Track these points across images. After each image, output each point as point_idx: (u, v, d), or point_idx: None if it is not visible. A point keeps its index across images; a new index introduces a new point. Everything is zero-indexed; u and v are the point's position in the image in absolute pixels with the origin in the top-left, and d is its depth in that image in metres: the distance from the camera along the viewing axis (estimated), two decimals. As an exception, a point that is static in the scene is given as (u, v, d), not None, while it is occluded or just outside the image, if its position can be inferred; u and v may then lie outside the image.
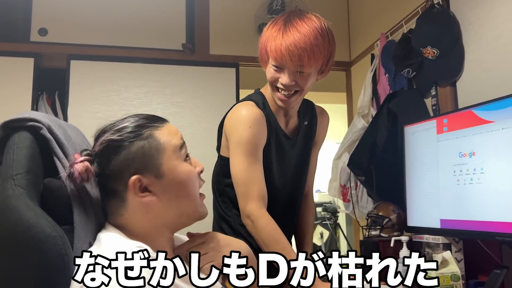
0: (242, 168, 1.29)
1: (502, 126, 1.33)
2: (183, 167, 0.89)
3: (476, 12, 1.75)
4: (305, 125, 1.48)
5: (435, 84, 1.95)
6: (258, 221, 1.25)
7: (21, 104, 2.49)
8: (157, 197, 0.85)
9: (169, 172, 0.86)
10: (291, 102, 1.34)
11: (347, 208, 2.44)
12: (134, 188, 0.84)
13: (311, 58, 1.25)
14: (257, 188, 1.28)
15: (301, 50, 1.23)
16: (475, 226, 1.40)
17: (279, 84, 1.31)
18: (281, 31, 1.27)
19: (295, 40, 1.23)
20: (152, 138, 0.86)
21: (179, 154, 0.89)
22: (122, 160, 0.84)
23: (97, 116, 2.59)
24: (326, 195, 5.25)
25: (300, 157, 1.45)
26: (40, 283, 0.74)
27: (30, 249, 0.75)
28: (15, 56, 2.56)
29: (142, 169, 0.84)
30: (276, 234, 1.24)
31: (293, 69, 1.27)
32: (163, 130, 0.89)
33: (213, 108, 2.70)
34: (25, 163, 0.83)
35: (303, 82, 1.30)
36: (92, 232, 0.87)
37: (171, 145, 0.88)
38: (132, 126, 0.87)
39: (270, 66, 1.32)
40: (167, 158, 0.86)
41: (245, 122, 1.30)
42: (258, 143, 1.32)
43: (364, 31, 2.76)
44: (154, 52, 2.74)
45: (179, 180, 0.87)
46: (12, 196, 0.78)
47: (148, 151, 0.85)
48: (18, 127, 0.87)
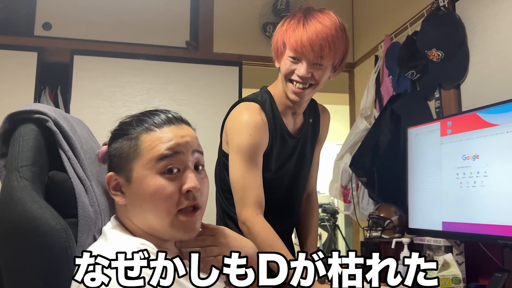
0: (239, 174, 1.29)
1: (507, 129, 1.33)
2: (152, 181, 0.79)
3: (481, 15, 1.75)
4: (310, 123, 1.48)
5: (439, 87, 1.95)
6: (254, 227, 1.25)
7: (24, 98, 2.49)
8: (126, 200, 0.83)
9: (137, 181, 0.81)
10: (305, 95, 1.34)
11: (348, 209, 2.43)
12: (109, 184, 0.84)
13: (332, 49, 1.27)
14: (253, 194, 1.27)
15: (323, 40, 1.25)
16: (477, 229, 1.40)
17: (294, 76, 1.31)
18: (301, 23, 1.28)
19: (317, 30, 1.25)
20: (136, 140, 0.82)
21: (153, 165, 0.80)
22: (109, 153, 0.86)
23: (99, 112, 2.59)
24: (326, 196, 5.26)
25: (304, 155, 1.46)
26: (43, 275, 0.74)
27: (34, 241, 0.75)
28: (19, 50, 2.55)
29: (118, 168, 0.84)
30: (271, 240, 1.24)
31: (313, 60, 1.28)
32: (154, 135, 0.82)
33: (215, 106, 2.69)
34: (31, 155, 0.83)
35: (319, 75, 1.31)
36: (96, 225, 0.87)
37: (150, 154, 0.80)
38: (129, 122, 0.86)
39: (286, 58, 1.32)
40: (140, 166, 0.81)
41: (246, 129, 1.30)
42: (258, 150, 1.32)
43: (368, 32, 2.76)
44: (157, 49, 2.74)
45: (143, 192, 0.80)
46: (17, 188, 0.78)
47: (126, 153, 0.82)
48: (24, 119, 0.87)
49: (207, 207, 1.09)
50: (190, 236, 0.84)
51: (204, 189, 0.86)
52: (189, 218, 0.82)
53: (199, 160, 0.86)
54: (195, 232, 0.85)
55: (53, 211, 0.78)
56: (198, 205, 0.83)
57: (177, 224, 0.81)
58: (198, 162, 0.86)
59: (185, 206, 0.81)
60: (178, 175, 0.81)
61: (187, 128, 0.87)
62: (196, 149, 0.85)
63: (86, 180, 0.90)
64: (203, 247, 0.90)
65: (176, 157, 0.81)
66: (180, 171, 0.82)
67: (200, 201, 0.84)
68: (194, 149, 0.85)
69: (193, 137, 0.86)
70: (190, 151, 0.83)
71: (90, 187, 0.90)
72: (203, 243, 0.90)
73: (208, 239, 0.91)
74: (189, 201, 0.81)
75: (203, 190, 0.86)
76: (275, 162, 1.38)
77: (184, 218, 0.81)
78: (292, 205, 1.46)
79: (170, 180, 0.80)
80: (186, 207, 0.82)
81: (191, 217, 0.82)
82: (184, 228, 0.82)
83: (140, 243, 0.78)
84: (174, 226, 0.81)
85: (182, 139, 0.83)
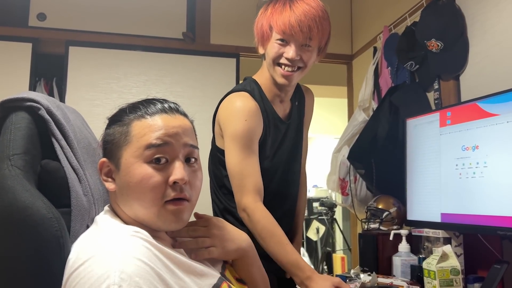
0: (237, 161, 1.28)
1: (507, 119, 1.31)
2: (139, 169, 0.78)
3: (481, 5, 1.73)
4: (296, 105, 1.49)
5: (438, 78, 1.93)
6: (254, 214, 1.24)
7: (18, 90, 2.35)
8: (116, 187, 0.82)
9: (124, 168, 0.79)
10: (293, 78, 1.34)
11: (346, 202, 2.42)
12: (101, 170, 0.83)
13: (320, 30, 1.29)
14: (252, 181, 1.27)
15: (312, 20, 1.27)
16: (476, 220, 1.39)
17: (282, 59, 1.31)
18: (287, 5, 1.29)
19: (305, 11, 1.27)
20: (128, 127, 0.81)
21: (141, 153, 0.78)
22: (104, 139, 0.85)
23: (95, 104, 2.56)
24: (323, 190, 5.27)
25: (295, 139, 1.47)
26: (35, 265, 0.73)
27: (25, 230, 0.73)
28: (13, 41, 2.52)
29: (110, 155, 0.83)
30: (272, 227, 1.24)
31: (301, 41, 1.29)
32: (145, 122, 0.80)
33: (212, 98, 2.65)
34: (23, 144, 0.82)
35: (307, 57, 1.32)
36: (90, 215, 0.85)
37: (139, 142, 0.79)
38: (124, 108, 0.85)
39: (273, 42, 1.31)
40: (129, 153, 0.79)
41: (240, 115, 1.29)
42: (254, 136, 1.31)
43: (367, 23, 2.73)
44: (154, 40, 2.71)
45: (129, 180, 0.78)
46: (8, 177, 0.76)
47: (117, 139, 0.81)
48: (16, 107, 0.86)
49: (204, 204, 1.07)
50: (177, 227, 0.82)
51: (195, 183, 0.83)
52: (176, 207, 0.79)
53: (191, 152, 0.83)
54: (182, 223, 0.82)
55: (45, 200, 0.77)
56: (185, 197, 0.80)
57: (164, 214, 0.79)
58: (189, 155, 0.83)
59: (171, 198, 0.79)
60: (166, 165, 0.79)
61: (181, 118, 0.84)
62: (188, 142, 0.82)
63: (80, 169, 0.89)
64: (195, 237, 0.88)
65: (165, 147, 0.79)
66: (168, 162, 0.80)
67: (189, 193, 0.81)
68: (186, 141, 0.82)
69: (186, 128, 0.83)
70: (181, 143, 0.81)
71: (83, 176, 0.88)
72: (194, 233, 0.89)
73: (200, 229, 0.90)
74: (176, 193, 0.79)
75: (194, 183, 0.83)
76: (269, 149, 1.38)
77: (172, 206, 0.79)
78: (289, 190, 1.47)
79: (157, 170, 0.78)
80: (173, 199, 0.79)
81: (178, 205, 0.79)
82: (171, 219, 0.79)
83: (134, 231, 0.76)
84: (160, 216, 0.79)
85: (173, 129, 0.81)
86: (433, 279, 1.31)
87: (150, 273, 0.68)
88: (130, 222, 0.81)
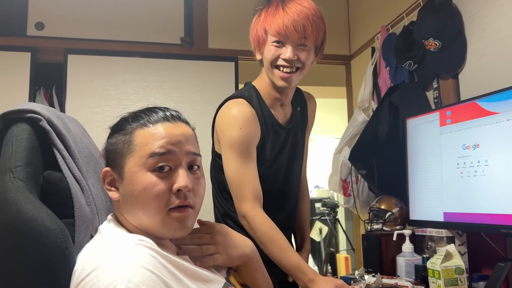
0: (234, 169, 1.28)
1: (507, 117, 1.31)
2: (143, 178, 0.78)
3: (478, 3, 1.73)
4: (298, 111, 1.49)
5: (437, 77, 1.93)
6: (254, 220, 1.25)
7: (18, 100, 2.46)
8: (119, 196, 0.82)
9: (128, 177, 0.79)
10: (293, 80, 1.34)
11: (348, 203, 2.42)
12: (104, 180, 0.84)
13: (314, 28, 1.30)
14: (251, 187, 1.27)
15: (305, 19, 1.28)
16: (479, 219, 1.39)
17: (280, 61, 1.32)
18: (280, 7, 1.30)
19: (298, 11, 1.28)
20: (130, 136, 0.81)
21: (145, 162, 0.78)
22: (106, 148, 0.85)
23: (95, 111, 2.57)
24: (325, 191, 5.27)
25: (296, 144, 1.47)
26: (40, 277, 0.73)
27: (30, 242, 0.73)
28: (12, 51, 2.53)
29: (113, 164, 0.83)
30: (272, 233, 1.24)
31: (297, 41, 1.30)
32: (148, 131, 0.81)
33: (212, 103, 2.64)
34: (24, 155, 0.82)
35: (304, 57, 1.32)
36: (93, 225, 0.86)
37: (142, 150, 0.79)
38: (126, 117, 0.85)
39: (269, 45, 1.32)
40: (132, 162, 0.79)
41: (236, 123, 1.29)
42: (250, 143, 1.31)
43: (364, 24, 2.74)
44: (152, 46, 2.71)
45: (133, 188, 0.78)
46: (11, 189, 0.76)
47: (120, 148, 0.82)
48: (17, 118, 0.86)
49: (206, 210, 1.07)
50: (182, 234, 0.82)
51: (198, 190, 0.84)
52: (181, 214, 0.80)
53: (193, 160, 0.84)
54: (187, 230, 0.83)
55: (49, 211, 0.77)
56: (189, 204, 0.81)
57: (168, 221, 0.79)
58: (192, 162, 0.83)
59: (176, 205, 0.79)
60: (169, 173, 0.80)
61: (183, 126, 0.85)
62: (191, 150, 0.83)
63: (82, 179, 0.89)
64: (199, 244, 0.88)
65: (168, 156, 0.79)
66: (172, 170, 0.80)
67: (193, 201, 0.81)
68: (189, 149, 0.82)
69: (188, 136, 0.84)
70: (184, 151, 0.81)
71: (86, 186, 0.88)
72: (199, 240, 0.89)
73: (204, 236, 0.90)
74: (180, 200, 0.79)
75: (198, 191, 0.84)
76: (269, 155, 1.38)
77: (177, 214, 0.79)
78: (289, 195, 1.47)
79: (161, 178, 0.79)
80: (177, 207, 0.80)
81: (182, 212, 0.80)
82: (175, 226, 0.80)
83: (138, 239, 0.76)
84: (165, 224, 0.79)
85: (176, 137, 0.81)
86: (437, 278, 1.31)
87: (156, 281, 0.69)
88: (134, 231, 0.81)
